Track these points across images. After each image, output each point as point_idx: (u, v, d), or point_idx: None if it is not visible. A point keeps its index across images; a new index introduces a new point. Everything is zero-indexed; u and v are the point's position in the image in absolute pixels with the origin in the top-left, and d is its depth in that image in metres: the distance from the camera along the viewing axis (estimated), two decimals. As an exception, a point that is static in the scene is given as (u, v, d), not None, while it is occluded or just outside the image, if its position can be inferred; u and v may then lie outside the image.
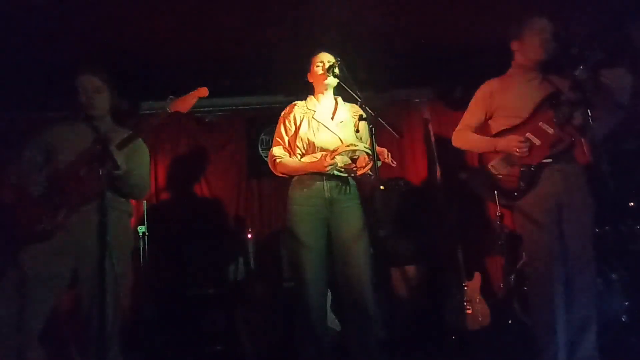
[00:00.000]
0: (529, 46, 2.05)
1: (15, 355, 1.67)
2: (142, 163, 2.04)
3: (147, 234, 3.06)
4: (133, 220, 2.09)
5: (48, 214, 1.76)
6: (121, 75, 2.29)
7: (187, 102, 1.86)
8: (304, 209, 2.03)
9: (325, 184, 2.03)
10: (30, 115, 3.27)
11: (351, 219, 2.04)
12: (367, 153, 1.91)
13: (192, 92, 1.87)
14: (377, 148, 1.87)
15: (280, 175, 2.15)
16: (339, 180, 2.06)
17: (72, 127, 1.98)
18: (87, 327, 1.79)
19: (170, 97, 1.83)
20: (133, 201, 2.14)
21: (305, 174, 2.06)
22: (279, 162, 2.11)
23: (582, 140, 1.97)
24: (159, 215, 3.32)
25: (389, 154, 1.93)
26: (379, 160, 1.88)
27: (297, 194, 2.07)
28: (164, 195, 3.50)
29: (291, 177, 2.13)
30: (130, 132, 1.84)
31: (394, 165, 1.96)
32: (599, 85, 1.86)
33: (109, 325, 1.68)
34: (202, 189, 3.56)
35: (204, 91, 1.88)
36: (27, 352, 1.71)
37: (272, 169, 2.16)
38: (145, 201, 3.18)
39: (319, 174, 2.02)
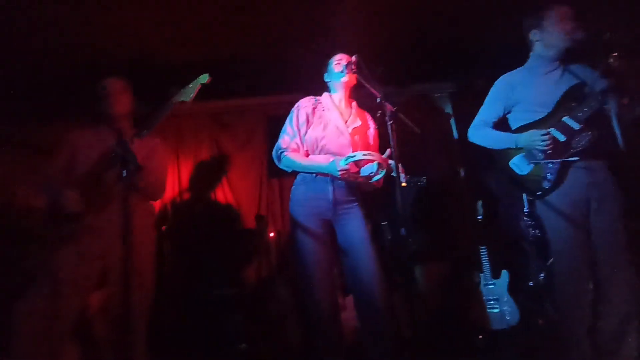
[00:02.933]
0: (551, 35, 1.96)
1: (50, 353, 1.72)
2: (158, 163, 2.07)
3: (170, 233, 3.12)
4: (155, 220, 2.13)
5: (73, 217, 1.81)
6: (141, 78, 2.35)
7: (190, 91, 1.87)
8: (307, 210, 2.01)
9: (329, 185, 2.01)
10: (61, 122, 3.36)
11: (356, 221, 2.01)
12: (378, 164, 1.89)
13: (194, 81, 1.88)
14: (387, 159, 1.86)
15: (284, 168, 2.11)
16: (344, 183, 2.03)
17: (94, 130, 2.04)
18: (115, 325, 1.84)
19: (174, 88, 1.84)
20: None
21: (309, 175, 2.03)
22: (286, 155, 2.06)
23: (612, 131, 1.88)
24: (182, 215, 3.38)
25: (403, 169, 1.88)
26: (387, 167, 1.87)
27: (300, 194, 2.05)
28: (187, 196, 3.56)
29: (294, 175, 2.11)
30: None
31: (404, 185, 1.90)
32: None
33: (136, 324, 1.72)
34: (224, 189, 3.60)
35: (204, 77, 1.89)
36: (61, 350, 1.77)
37: (275, 161, 2.12)
38: (168, 201, 3.24)
39: (323, 176, 2.00)
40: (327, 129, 2.06)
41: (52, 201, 1.85)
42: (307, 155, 2.09)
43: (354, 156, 1.88)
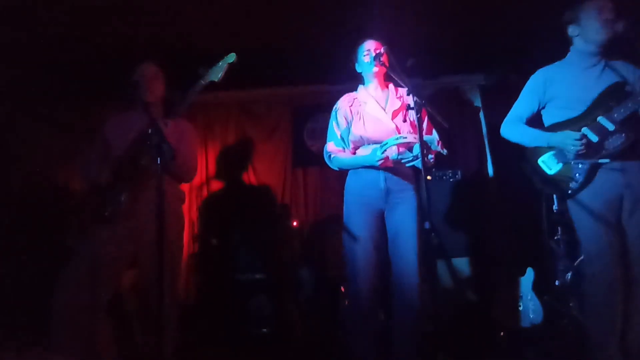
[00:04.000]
0: (589, 29, 1.89)
1: (87, 326, 1.83)
2: (189, 146, 2.11)
3: (198, 219, 3.21)
4: (185, 205, 2.19)
5: (111, 201, 1.89)
6: (170, 65, 2.41)
7: (218, 71, 1.88)
8: (360, 200, 2.04)
9: (381, 174, 2.01)
10: (97, 105, 3.49)
11: (405, 211, 2.01)
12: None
13: (222, 60, 1.89)
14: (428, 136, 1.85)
15: (336, 169, 2.16)
16: (396, 170, 2.03)
17: (127, 115, 2.09)
18: (147, 305, 1.92)
19: (201, 68, 1.86)
20: (183, 187, 2.24)
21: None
22: (334, 157, 2.13)
23: None
24: (209, 201, 3.47)
25: (440, 141, 1.88)
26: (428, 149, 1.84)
27: (353, 184, 2.08)
28: (214, 183, 3.64)
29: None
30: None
31: (445, 153, 1.90)
32: None
33: (167, 304, 1.79)
34: (249, 177, 3.67)
35: (232, 57, 1.90)
36: (96, 324, 1.87)
37: (328, 164, 2.18)
38: (196, 188, 3.33)
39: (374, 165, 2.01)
40: (369, 123, 2.07)
41: (91, 184, 1.93)
42: (357, 150, 2.12)
43: (386, 143, 1.88)
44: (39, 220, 2.81)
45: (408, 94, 1.77)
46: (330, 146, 2.15)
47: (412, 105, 1.75)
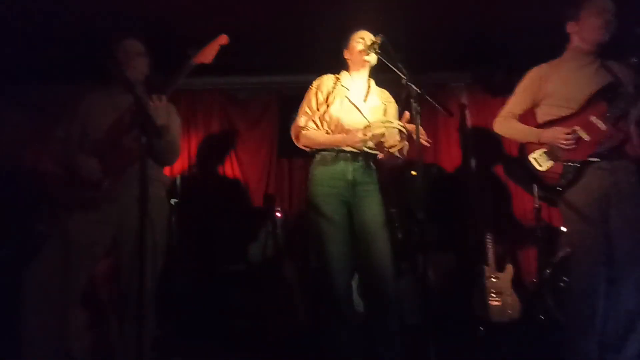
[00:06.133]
0: (588, 27, 1.91)
1: (59, 316, 1.74)
2: (174, 127, 2.02)
3: (178, 207, 3.13)
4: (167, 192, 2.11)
5: (92, 184, 1.79)
6: (155, 47, 2.31)
7: (209, 52, 1.82)
8: (325, 190, 2.00)
9: (349, 165, 1.99)
10: (72, 86, 3.33)
11: (373, 204, 2.01)
12: (400, 131, 1.88)
13: (213, 41, 1.82)
14: (409, 126, 1.84)
15: (302, 147, 2.10)
16: (363, 162, 2.02)
17: (107, 93, 1.97)
18: (125, 293, 1.84)
19: (191, 48, 1.77)
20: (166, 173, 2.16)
21: (329, 154, 2.01)
22: (304, 133, 2.05)
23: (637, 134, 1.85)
24: (191, 189, 3.39)
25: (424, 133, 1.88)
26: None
27: (318, 173, 2.03)
28: (196, 171, 3.56)
29: (314, 155, 2.09)
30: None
31: (429, 145, 1.89)
32: None
33: (147, 292, 1.72)
34: (233, 166, 3.60)
35: (223, 38, 1.83)
36: (70, 314, 1.78)
37: (294, 140, 2.10)
38: (178, 174, 3.24)
39: (343, 155, 1.99)
40: (346, 108, 2.04)
41: (69, 166, 1.82)
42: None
43: (370, 125, 1.86)
44: (8, 205, 2.67)
45: (406, 84, 1.75)
46: (303, 121, 2.06)
47: (409, 94, 1.73)
